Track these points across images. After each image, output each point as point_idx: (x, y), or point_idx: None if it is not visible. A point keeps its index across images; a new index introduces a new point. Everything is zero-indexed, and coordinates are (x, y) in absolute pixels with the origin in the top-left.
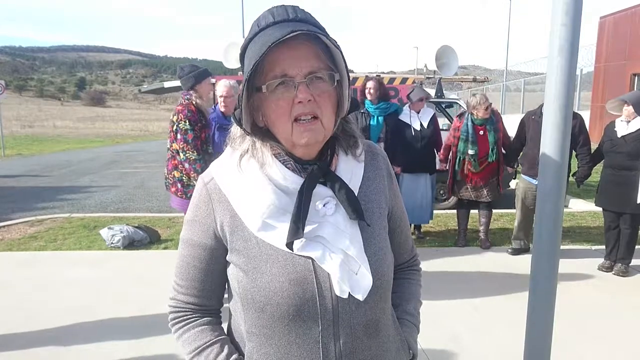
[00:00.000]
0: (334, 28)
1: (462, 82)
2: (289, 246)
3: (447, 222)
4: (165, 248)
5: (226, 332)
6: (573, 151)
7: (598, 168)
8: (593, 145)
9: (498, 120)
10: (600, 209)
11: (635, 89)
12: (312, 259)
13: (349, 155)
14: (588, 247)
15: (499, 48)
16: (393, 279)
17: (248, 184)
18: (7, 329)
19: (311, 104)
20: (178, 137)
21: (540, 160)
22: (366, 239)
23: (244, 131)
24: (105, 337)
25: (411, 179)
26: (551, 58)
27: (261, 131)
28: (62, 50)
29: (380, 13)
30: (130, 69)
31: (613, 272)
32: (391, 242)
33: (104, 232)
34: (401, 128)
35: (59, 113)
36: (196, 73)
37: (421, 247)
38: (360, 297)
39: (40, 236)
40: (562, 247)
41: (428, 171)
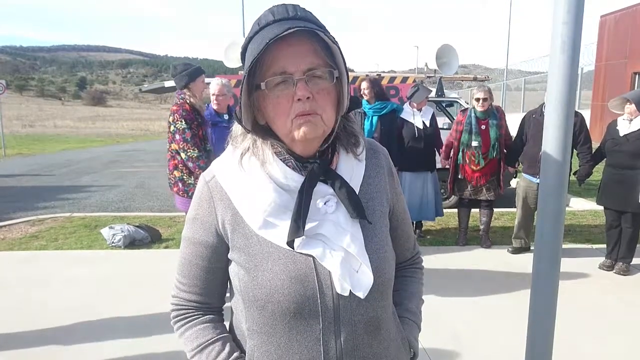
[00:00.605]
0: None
1: (463, 81)
2: (290, 244)
3: (448, 221)
4: (166, 247)
5: (228, 330)
6: (574, 150)
7: (600, 167)
8: (594, 144)
9: (501, 117)
10: (601, 208)
11: (636, 88)
12: (313, 257)
13: (350, 153)
14: (589, 246)
15: (500, 47)
16: (395, 277)
17: (249, 182)
18: (8, 328)
19: (310, 102)
20: (177, 138)
21: (541, 158)
22: (367, 237)
23: (245, 129)
24: (106, 336)
25: (413, 177)
26: (553, 56)
27: (262, 129)
28: (63, 49)
29: (380, 12)
30: (130, 69)
31: (614, 271)
32: (393, 240)
33: (105, 232)
34: (403, 126)
35: (60, 112)
36: (189, 71)
37: (422, 246)
38: (361, 295)
39: (41, 235)
40: (563, 246)
41: (429, 169)
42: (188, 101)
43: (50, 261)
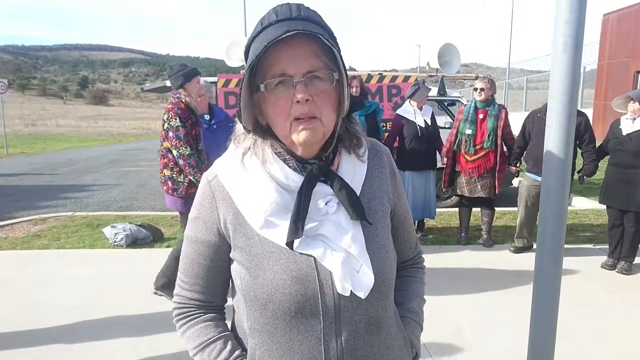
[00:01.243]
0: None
1: (465, 80)
2: (289, 245)
3: (450, 220)
4: (168, 246)
5: (230, 329)
6: (578, 149)
7: (602, 166)
8: (598, 142)
9: (501, 110)
10: (603, 207)
11: (639, 86)
12: (314, 257)
13: (352, 154)
14: (591, 245)
15: (502, 46)
16: (397, 277)
17: (251, 182)
18: (11, 327)
19: (310, 104)
20: (170, 135)
21: (544, 157)
22: (368, 237)
23: (245, 129)
24: (108, 335)
25: (416, 176)
26: (555, 55)
27: (263, 129)
28: (65, 49)
29: (382, 11)
30: (132, 68)
31: (616, 270)
32: (395, 240)
33: (107, 231)
34: (405, 125)
35: (62, 112)
36: (185, 72)
37: (424, 245)
38: (361, 295)
39: (43, 235)
40: (565, 245)
41: (431, 167)
42: (183, 100)
43: (52, 260)
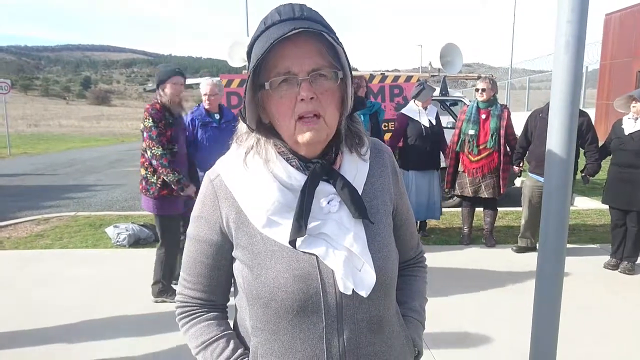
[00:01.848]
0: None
1: (467, 80)
2: (292, 244)
3: (452, 220)
4: None
5: (232, 327)
6: (581, 149)
7: (605, 166)
8: (600, 142)
9: (504, 110)
10: (606, 207)
11: None
12: (316, 256)
13: (354, 153)
14: (594, 245)
15: (504, 46)
16: (398, 276)
17: (253, 181)
18: (14, 326)
19: (314, 102)
20: (144, 135)
21: (546, 157)
22: (370, 236)
23: (248, 128)
24: (110, 335)
25: (420, 176)
26: (557, 55)
27: (266, 128)
28: (67, 49)
29: (383, 11)
30: (134, 68)
31: (619, 270)
32: (396, 239)
33: (110, 231)
34: (409, 125)
35: (64, 112)
36: (161, 72)
37: (426, 245)
38: (363, 294)
39: (46, 234)
40: (568, 245)
41: (435, 167)
42: (159, 101)
43: (55, 260)
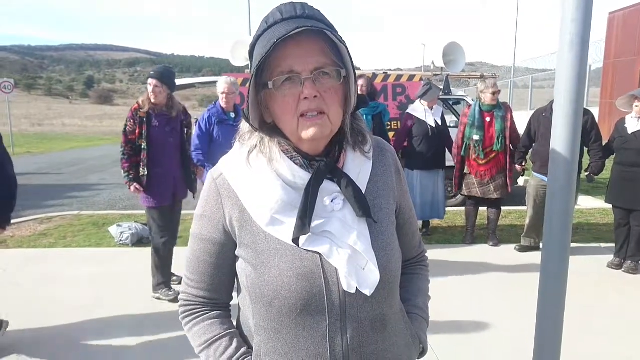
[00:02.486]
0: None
1: (470, 79)
2: (295, 242)
3: (455, 219)
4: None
5: (235, 326)
6: (584, 148)
7: (609, 165)
8: (604, 141)
9: (507, 111)
10: (609, 206)
11: None
12: (320, 254)
13: (357, 151)
14: (597, 245)
15: (507, 44)
16: (401, 275)
17: (257, 180)
18: (18, 325)
19: (317, 100)
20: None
21: (550, 157)
22: (374, 235)
23: (252, 127)
24: (114, 334)
25: (425, 176)
26: (561, 54)
27: (269, 127)
28: (71, 49)
29: (385, 10)
30: (138, 67)
31: (623, 270)
32: (399, 238)
33: (113, 230)
34: (415, 125)
35: (68, 111)
36: (149, 74)
37: (429, 244)
38: (367, 293)
39: (50, 233)
40: (572, 245)
41: (440, 167)
42: (140, 101)
43: (58, 259)
